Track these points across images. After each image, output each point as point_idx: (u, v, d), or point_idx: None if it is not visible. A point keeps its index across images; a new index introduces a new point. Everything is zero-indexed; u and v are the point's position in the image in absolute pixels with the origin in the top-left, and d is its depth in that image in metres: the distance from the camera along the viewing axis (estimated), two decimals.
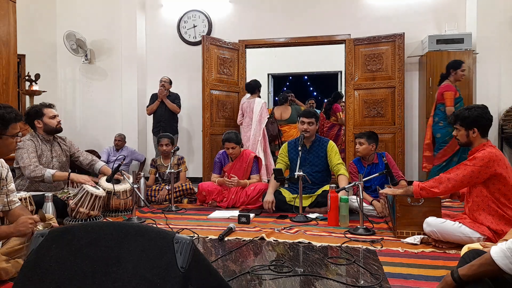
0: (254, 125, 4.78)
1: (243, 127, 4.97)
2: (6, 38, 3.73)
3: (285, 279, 1.89)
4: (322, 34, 5.34)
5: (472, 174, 2.26)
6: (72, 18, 5.85)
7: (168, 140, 4.20)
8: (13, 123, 1.97)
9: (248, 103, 4.90)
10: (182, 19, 5.64)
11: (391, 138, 4.98)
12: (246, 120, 4.89)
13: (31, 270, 1.07)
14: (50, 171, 3.03)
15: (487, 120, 2.32)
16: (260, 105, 4.80)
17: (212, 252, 2.34)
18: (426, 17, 5.08)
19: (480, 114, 2.31)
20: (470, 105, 2.44)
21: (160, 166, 4.26)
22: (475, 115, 2.31)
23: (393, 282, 1.84)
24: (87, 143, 5.72)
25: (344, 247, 2.40)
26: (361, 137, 3.43)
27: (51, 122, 3.19)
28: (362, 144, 3.41)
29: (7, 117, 1.94)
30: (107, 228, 1.10)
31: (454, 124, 2.42)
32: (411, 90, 5.14)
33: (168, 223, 3.10)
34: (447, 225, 2.31)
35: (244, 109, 4.95)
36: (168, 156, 4.23)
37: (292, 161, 3.64)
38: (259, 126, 4.78)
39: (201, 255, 1.11)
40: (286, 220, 3.15)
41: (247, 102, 4.92)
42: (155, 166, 4.29)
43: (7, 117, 1.94)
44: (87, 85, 5.94)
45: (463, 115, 2.36)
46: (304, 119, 3.53)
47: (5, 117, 1.93)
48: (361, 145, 3.42)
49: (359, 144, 3.44)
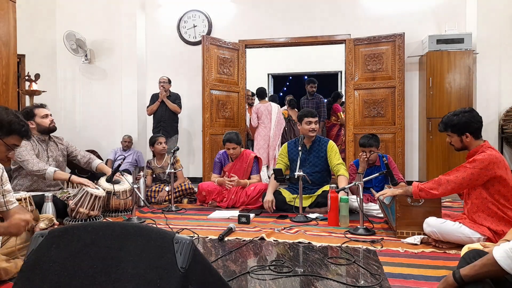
0: (273, 126, 5.30)
1: (261, 128, 5.32)
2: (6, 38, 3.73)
3: (285, 279, 1.89)
4: (322, 34, 5.34)
5: (472, 176, 2.25)
6: (72, 18, 5.85)
7: (165, 138, 4.20)
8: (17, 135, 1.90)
9: (265, 107, 5.35)
10: (182, 19, 5.64)
11: (391, 138, 4.98)
12: (265, 122, 5.32)
13: (31, 270, 1.07)
14: (52, 169, 3.02)
15: (477, 123, 2.31)
16: (276, 109, 5.38)
17: (212, 252, 2.34)
18: (426, 17, 5.08)
19: (469, 119, 2.30)
20: (457, 110, 2.41)
21: (154, 167, 4.24)
22: (463, 121, 2.30)
23: (393, 282, 1.84)
24: (87, 143, 5.72)
25: (344, 247, 2.40)
26: (372, 146, 3.34)
27: (43, 122, 3.17)
28: (373, 152, 3.34)
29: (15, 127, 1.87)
30: (107, 228, 1.10)
31: (445, 132, 2.41)
32: (411, 90, 5.14)
33: (168, 223, 3.09)
34: (447, 225, 2.30)
35: (260, 113, 5.32)
36: (163, 156, 4.21)
37: (292, 161, 3.64)
38: (277, 128, 5.35)
39: (201, 255, 1.11)
40: (286, 220, 3.15)
41: (263, 106, 5.35)
42: (151, 168, 4.26)
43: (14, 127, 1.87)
44: (87, 85, 5.93)
45: (452, 122, 2.34)
46: (310, 119, 3.49)
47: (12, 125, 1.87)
48: (373, 153, 3.34)
49: (369, 152, 3.33)
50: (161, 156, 4.22)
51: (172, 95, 5.11)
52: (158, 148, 4.16)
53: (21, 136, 1.93)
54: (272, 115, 5.34)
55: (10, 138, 1.89)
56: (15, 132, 1.89)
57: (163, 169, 4.15)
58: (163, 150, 4.13)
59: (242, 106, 5.48)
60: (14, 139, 1.91)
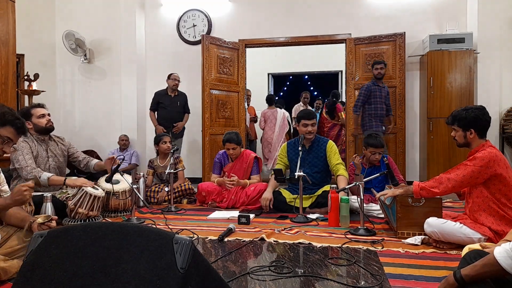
0: (277, 129, 6.04)
1: (266, 130, 6.12)
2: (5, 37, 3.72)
3: (285, 280, 1.88)
4: (323, 33, 5.33)
5: (472, 174, 2.25)
6: (71, 17, 5.84)
7: (169, 138, 4.20)
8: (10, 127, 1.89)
9: (271, 112, 6.13)
10: (181, 18, 5.64)
11: (392, 138, 4.97)
12: (270, 126, 6.11)
13: (30, 270, 1.07)
14: (47, 174, 3.01)
15: (485, 122, 2.31)
16: (282, 115, 6.13)
17: (212, 253, 2.33)
18: (427, 17, 5.07)
19: (478, 116, 2.30)
20: (469, 106, 2.42)
21: (157, 166, 4.23)
22: (472, 116, 2.30)
23: (394, 283, 1.83)
24: (86, 143, 5.71)
25: (344, 248, 2.39)
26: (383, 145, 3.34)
27: (40, 122, 3.15)
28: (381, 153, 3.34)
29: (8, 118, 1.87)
30: (106, 229, 1.10)
31: (452, 125, 2.41)
32: (412, 90, 5.13)
33: (168, 223, 3.09)
34: (448, 226, 2.30)
35: (267, 117, 6.14)
36: (166, 156, 4.20)
37: (291, 161, 3.63)
38: (281, 130, 6.08)
39: (201, 256, 1.10)
40: (286, 221, 3.14)
41: (270, 112, 6.14)
42: (152, 167, 4.25)
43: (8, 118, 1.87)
44: (86, 85, 5.93)
45: (461, 116, 2.34)
46: (307, 121, 3.48)
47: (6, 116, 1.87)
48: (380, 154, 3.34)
49: (378, 154, 3.31)
50: (165, 156, 4.22)
51: (179, 94, 5.10)
52: (162, 147, 4.13)
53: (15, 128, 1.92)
54: (277, 119, 6.08)
55: (3, 130, 1.89)
56: (9, 123, 1.89)
57: (166, 168, 4.14)
58: (167, 149, 4.12)
59: (242, 106, 5.48)
60: (7, 131, 1.90)
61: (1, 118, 1.87)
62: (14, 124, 1.91)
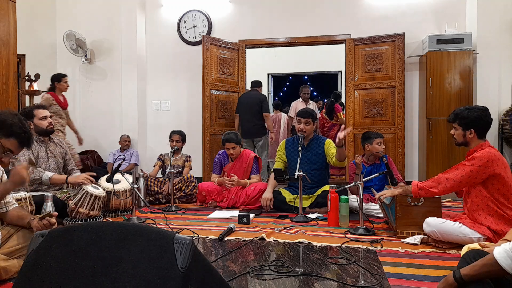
0: (281, 131, 6.84)
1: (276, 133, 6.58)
2: (6, 38, 3.73)
3: (285, 279, 1.89)
4: (322, 34, 5.33)
5: (471, 174, 2.26)
6: (72, 18, 5.85)
7: (179, 136, 4.21)
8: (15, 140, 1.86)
9: (276, 116, 6.92)
10: (182, 19, 5.64)
11: (391, 138, 4.98)
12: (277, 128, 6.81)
13: (31, 270, 1.07)
14: (48, 174, 3.03)
15: (486, 123, 2.31)
16: (285, 118, 6.89)
17: (212, 252, 2.34)
18: (426, 17, 5.07)
19: (480, 116, 2.30)
20: (472, 105, 2.43)
21: (167, 159, 4.30)
22: (474, 116, 2.31)
23: (393, 282, 1.84)
24: (87, 143, 5.71)
25: (344, 247, 2.40)
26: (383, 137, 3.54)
27: (41, 124, 3.16)
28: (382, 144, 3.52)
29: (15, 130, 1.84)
30: (107, 228, 1.10)
31: (453, 123, 2.42)
32: (411, 90, 5.14)
33: (168, 223, 3.09)
34: (447, 225, 2.30)
35: (275, 122, 6.81)
36: (178, 153, 4.25)
37: (289, 159, 3.64)
38: (284, 133, 6.84)
39: (201, 255, 1.11)
40: (286, 220, 3.15)
41: (275, 115, 6.91)
42: (162, 160, 4.33)
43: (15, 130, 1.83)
44: (87, 85, 5.93)
45: (463, 115, 2.35)
46: (300, 119, 3.52)
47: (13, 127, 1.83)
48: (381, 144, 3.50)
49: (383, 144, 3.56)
50: (177, 153, 4.25)
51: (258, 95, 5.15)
52: (171, 145, 4.23)
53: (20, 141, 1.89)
54: (281, 123, 6.87)
55: (7, 141, 1.86)
56: (14, 135, 1.86)
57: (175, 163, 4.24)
58: (174, 147, 4.14)
59: None
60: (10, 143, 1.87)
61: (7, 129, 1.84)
62: (19, 137, 1.88)
